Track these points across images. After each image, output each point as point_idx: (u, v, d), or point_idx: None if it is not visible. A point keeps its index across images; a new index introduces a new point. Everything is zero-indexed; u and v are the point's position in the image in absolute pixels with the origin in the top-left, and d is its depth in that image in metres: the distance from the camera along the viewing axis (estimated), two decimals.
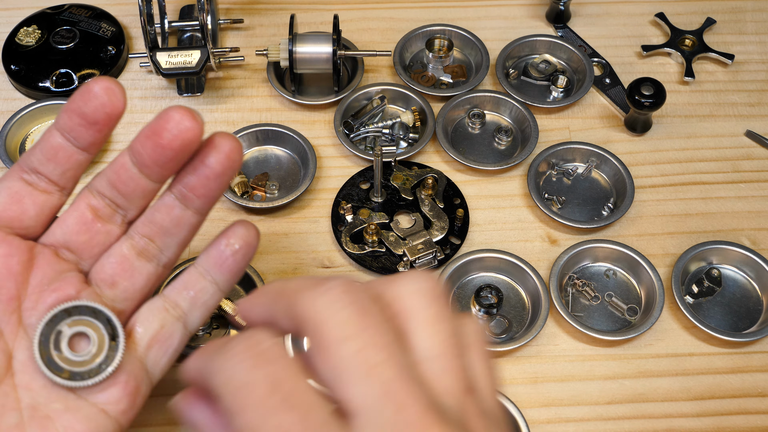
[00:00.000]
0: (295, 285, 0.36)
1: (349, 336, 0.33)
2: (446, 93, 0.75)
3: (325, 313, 0.33)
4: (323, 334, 0.33)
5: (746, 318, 0.64)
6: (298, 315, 0.34)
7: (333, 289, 0.34)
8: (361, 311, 0.33)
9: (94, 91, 0.44)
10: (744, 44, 0.80)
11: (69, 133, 0.45)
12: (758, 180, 0.71)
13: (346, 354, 0.32)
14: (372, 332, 0.33)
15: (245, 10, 0.82)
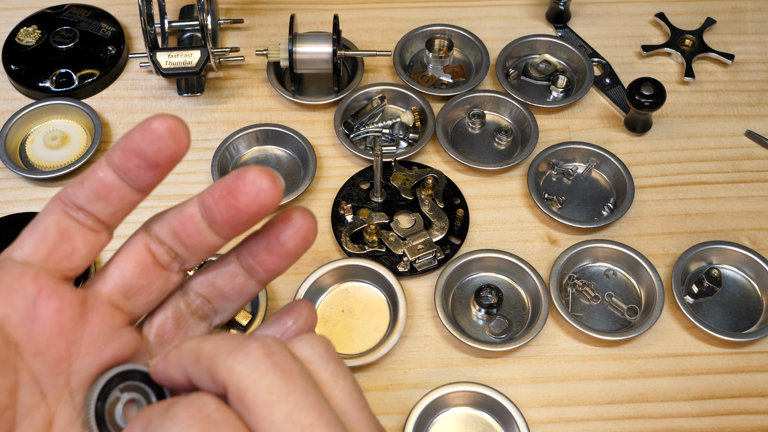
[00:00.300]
0: (210, 348, 0.36)
1: (276, 401, 0.34)
2: (446, 93, 0.75)
3: (248, 379, 0.34)
4: (250, 400, 0.34)
5: (746, 318, 0.64)
6: (220, 381, 0.35)
7: (252, 353, 0.34)
8: (285, 373, 0.34)
9: (156, 130, 0.40)
10: (744, 44, 0.80)
11: (125, 173, 0.41)
12: (758, 180, 0.71)
13: (278, 418, 0.33)
14: (298, 394, 0.34)
15: (245, 10, 0.82)
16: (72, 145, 0.72)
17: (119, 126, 0.74)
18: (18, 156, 0.72)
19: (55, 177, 0.70)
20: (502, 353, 0.62)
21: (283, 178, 0.67)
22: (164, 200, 0.70)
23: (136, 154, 0.40)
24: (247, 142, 0.72)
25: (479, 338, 0.62)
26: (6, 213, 0.67)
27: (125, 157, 0.40)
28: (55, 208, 0.42)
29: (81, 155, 0.71)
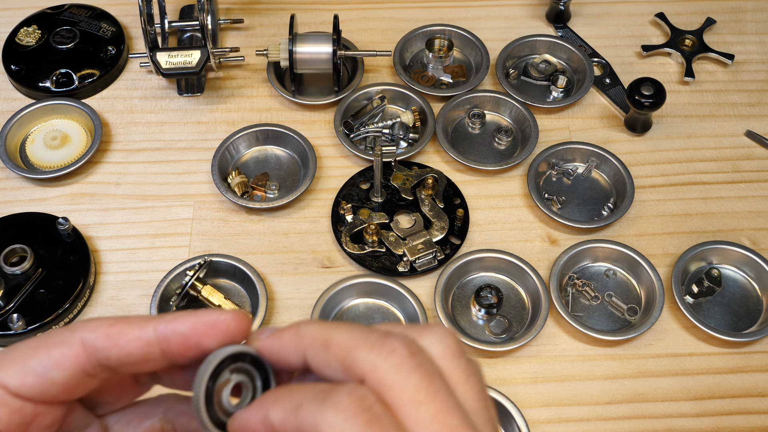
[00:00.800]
0: (345, 339, 0.37)
1: (423, 400, 0.35)
2: (446, 93, 0.75)
3: (395, 377, 0.35)
4: (395, 398, 0.35)
5: (746, 318, 0.64)
6: (358, 373, 0.36)
7: (397, 351, 0.36)
8: (429, 375, 0.35)
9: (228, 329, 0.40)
10: (744, 44, 0.80)
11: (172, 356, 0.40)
12: (758, 180, 0.71)
13: (424, 417, 0.34)
14: (443, 396, 0.35)
15: (245, 10, 0.82)
16: (72, 145, 0.72)
17: (119, 126, 0.74)
18: (18, 156, 0.72)
19: (55, 177, 0.70)
20: (502, 353, 0.62)
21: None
22: (165, 200, 0.70)
23: (192, 344, 0.39)
24: (247, 142, 0.72)
25: (479, 338, 0.62)
26: (6, 213, 0.67)
27: (183, 344, 0.39)
28: (74, 363, 0.39)
29: (81, 155, 0.71)
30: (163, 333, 0.38)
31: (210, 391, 0.39)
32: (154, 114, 0.75)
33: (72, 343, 0.38)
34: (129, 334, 0.38)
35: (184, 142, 0.73)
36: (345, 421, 0.33)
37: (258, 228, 0.68)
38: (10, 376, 0.38)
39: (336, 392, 0.34)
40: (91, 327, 0.38)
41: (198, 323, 0.38)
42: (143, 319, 0.39)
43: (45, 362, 0.38)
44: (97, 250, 0.67)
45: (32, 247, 0.64)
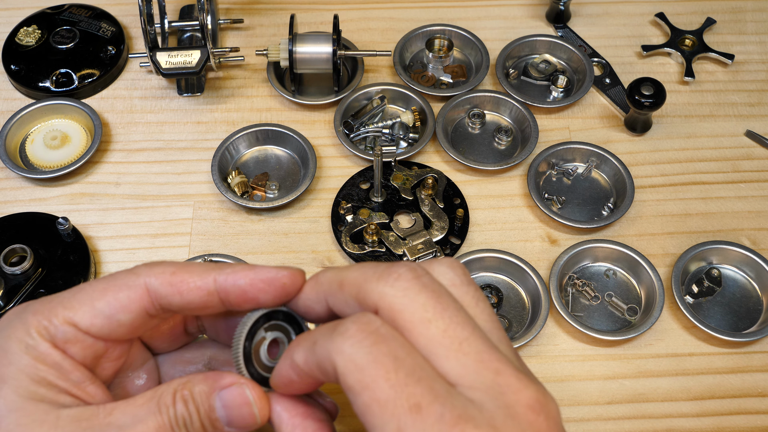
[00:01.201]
0: (356, 275, 0.39)
1: (432, 317, 0.36)
2: (446, 93, 0.74)
3: (403, 300, 0.37)
4: (406, 319, 0.37)
5: (746, 318, 0.64)
6: (371, 304, 0.38)
7: (402, 276, 0.37)
8: (436, 294, 0.37)
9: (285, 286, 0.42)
10: (744, 44, 0.80)
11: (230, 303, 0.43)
12: (758, 180, 0.71)
13: (435, 333, 0.36)
14: (451, 312, 0.37)
15: (245, 10, 0.82)
16: (72, 145, 0.72)
17: (119, 126, 0.74)
18: (18, 156, 0.72)
19: (55, 177, 0.70)
20: None
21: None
22: (165, 200, 0.70)
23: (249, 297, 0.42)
24: (247, 142, 0.72)
25: None
26: (6, 213, 0.67)
27: (244, 291, 0.41)
28: (139, 306, 0.42)
29: (81, 155, 0.71)
30: (222, 285, 0.41)
31: (248, 350, 0.41)
32: (154, 114, 0.75)
33: (137, 287, 0.41)
34: (191, 283, 0.41)
35: (184, 142, 0.73)
36: (353, 345, 0.35)
37: (258, 228, 0.68)
38: (80, 316, 0.41)
39: (343, 323, 0.37)
40: (156, 273, 0.41)
41: (256, 279, 0.41)
42: (204, 269, 0.41)
43: (112, 305, 0.41)
44: (97, 250, 0.67)
45: (32, 247, 0.64)
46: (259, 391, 0.41)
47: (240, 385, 0.40)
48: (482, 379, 0.36)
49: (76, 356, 0.41)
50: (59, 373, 0.41)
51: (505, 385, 0.36)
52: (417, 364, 0.35)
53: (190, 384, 0.41)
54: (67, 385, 0.41)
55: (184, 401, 0.40)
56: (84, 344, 0.41)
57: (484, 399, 0.35)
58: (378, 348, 0.35)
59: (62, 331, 0.41)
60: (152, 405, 0.40)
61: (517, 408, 0.35)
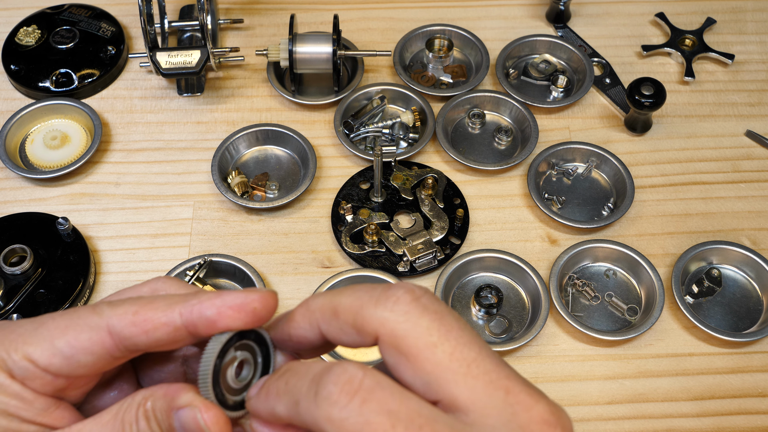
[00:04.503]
0: (351, 301, 0.37)
1: (437, 342, 0.35)
2: (446, 93, 0.74)
3: (404, 325, 0.35)
4: (410, 345, 0.35)
5: (746, 318, 0.64)
6: (370, 331, 0.36)
7: (401, 299, 0.36)
8: (438, 316, 0.36)
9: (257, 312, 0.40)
10: (744, 44, 0.80)
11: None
12: (758, 180, 0.71)
13: (442, 357, 0.35)
14: (456, 333, 0.35)
15: (245, 10, 0.82)
16: (72, 145, 0.72)
17: (119, 126, 0.74)
18: (18, 156, 0.72)
19: (55, 177, 0.70)
20: (502, 353, 0.62)
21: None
22: (165, 200, 0.70)
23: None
24: (247, 142, 0.72)
25: None
26: (6, 213, 0.67)
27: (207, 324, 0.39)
28: (101, 348, 0.40)
29: (81, 155, 0.71)
30: (189, 318, 0.39)
31: (217, 370, 0.39)
32: (154, 114, 0.75)
33: (99, 329, 0.39)
34: (155, 321, 0.39)
35: (184, 142, 0.73)
36: (341, 410, 0.33)
37: (258, 228, 0.68)
38: (39, 354, 0.39)
39: (324, 383, 0.34)
40: (118, 314, 0.39)
41: (224, 306, 0.39)
42: (168, 303, 0.39)
43: (73, 344, 0.39)
44: (97, 250, 0.67)
45: (32, 247, 0.64)
46: (214, 416, 0.38)
47: (192, 408, 0.38)
48: (494, 401, 0.35)
49: (37, 390, 0.40)
50: (21, 403, 0.40)
51: (516, 404, 0.35)
52: (413, 411, 0.34)
53: (153, 398, 0.39)
54: (30, 414, 0.40)
55: (146, 418, 0.39)
56: (44, 380, 0.40)
57: (496, 423, 0.34)
58: (368, 407, 0.34)
59: (20, 367, 0.39)
60: (117, 424, 0.39)
61: (531, 426, 0.34)
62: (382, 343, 0.36)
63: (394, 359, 0.36)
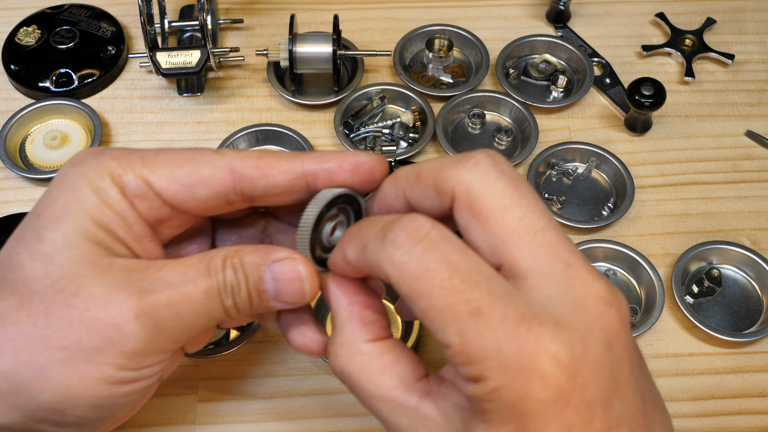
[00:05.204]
0: (434, 165, 0.39)
1: (509, 205, 0.36)
2: (446, 93, 0.74)
3: (480, 186, 0.37)
4: (483, 206, 0.36)
5: (746, 318, 0.64)
6: (448, 191, 0.37)
7: (481, 162, 0.37)
8: (514, 182, 0.37)
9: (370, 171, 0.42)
10: (744, 44, 0.80)
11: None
12: (758, 180, 0.71)
13: (511, 221, 0.36)
14: (528, 201, 0.37)
15: (245, 10, 0.82)
16: (72, 145, 0.72)
17: (119, 126, 0.74)
18: (18, 156, 0.72)
19: None
20: None
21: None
22: None
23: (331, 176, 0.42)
24: (247, 142, 0.72)
25: None
26: (6, 213, 0.67)
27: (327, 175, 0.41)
28: (220, 185, 0.41)
29: None
30: (310, 168, 0.41)
31: (318, 222, 0.41)
32: (154, 114, 0.75)
33: (222, 167, 0.41)
34: (278, 167, 0.41)
35: (184, 142, 0.73)
36: (404, 254, 0.35)
37: None
38: (157, 177, 0.40)
39: (392, 228, 0.36)
40: (242, 156, 0.41)
41: (346, 161, 0.41)
42: (291, 154, 0.41)
43: (193, 176, 0.40)
44: None
45: None
46: (312, 269, 0.40)
47: (293, 260, 0.40)
48: (553, 272, 0.35)
49: (141, 212, 0.41)
50: (122, 223, 0.40)
51: (575, 278, 0.35)
52: (473, 267, 0.35)
53: (240, 253, 0.40)
54: (126, 236, 0.41)
55: (233, 268, 0.40)
56: (151, 204, 0.41)
57: (552, 293, 0.35)
58: (430, 255, 0.35)
59: (135, 185, 0.40)
60: (202, 267, 0.40)
61: (586, 300, 0.35)
62: (456, 204, 0.37)
63: (466, 220, 0.37)
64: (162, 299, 0.39)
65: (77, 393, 0.39)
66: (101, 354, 0.38)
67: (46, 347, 0.38)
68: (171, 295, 0.39)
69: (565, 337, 0.34)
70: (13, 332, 0.38)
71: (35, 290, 0.38)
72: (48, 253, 0.39)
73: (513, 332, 0.33)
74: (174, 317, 0.39)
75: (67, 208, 0.40)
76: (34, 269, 0.39)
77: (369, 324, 0.40)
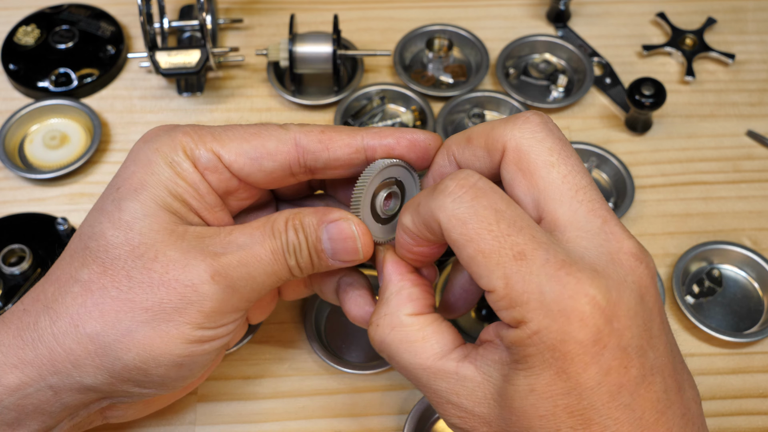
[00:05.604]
0: (484, 126, 0.41)
1: (555, 162, 0.39)
2: (446, 93, 0.74)
3: (530, 142, 0.39)
4: (530, 161, 0.39)
5: (747, 318, 0.64)
6: (499, 148, 0.40)
7: (531, 120, 0.40)
8: (560, 141, 0.39)
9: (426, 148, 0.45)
10: (745, 44, 0.80)
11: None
12: (759, 180, 0.71)
13: (556, 178, 0.38)
14: (574, 160, 0.39)
15: (245, 10, 0.82)
16: (71, 145, 0.72)
17: (119, 126, 0.74)
18: (17, 156, 0.72)
19: (55, 177, 0.69)
20: None
21: None
22: None
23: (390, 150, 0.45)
24: None
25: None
26: (5, 213, 0.67)
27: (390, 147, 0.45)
28: (285, 158, 0.45)
29: (80, 155, 0.71)
30: (370, 143, 0.44)
31: (371, 189, 0.44)
32: (154, 114, 0.75)
33: (287, 141, 0.44)
34: (339, 141, 0.44)
35: None
36: (454, 201, 0.38)
37: None
38: (226, 150, 0.44)
39: (443, 182, 0.39)
40: (305, 130, 0.44)
41: (403, 138, 0.44)
42: (352, 129, 0.45)
43: (259, 150, 0.44)
44: None
45: (31, 247, 0.64)
46: (364, 229, 0.43)
47: (347, 219, 0.43)
48: (591, 226, 0.38)
49: (212, 183, 0.44)
50: (195, 193, 0.44)
51: (610, 234, 0.38)
52: (517, 215, 0.37)
53: (300, 215, 0.43)
54: (199, 205, 0.44)
55: (294, 229, 0.43)
56: (221, 176, 0.44)
57: (588, 245, 0.37)
58: (478, 202, 0.37)
59: (206, 158, 0.44)
60: (267, 229, 0.43)
61: (620, 255, 0.37)
62: (505, 159, 0.40)
63: (512, 174, 0.39)
64: (234, 260, 0.42)
65: (160, 352, 0.41)
66: (181, 314, 0.41)
67: (129, 309, 0.41)
68: (242, 257, 0.42)
69: (602, 282, 0.36)
70: (98, 297, 0.41)
71: (117, 256, 0.41)
72: (128, 222, 0.42)
73: (554, 276, 0.35)
74: (245, 276, 0.42)
75: (144, 180, 0.43)
76: (116, 236, 0.42)
77: (415, 300, 0.42)
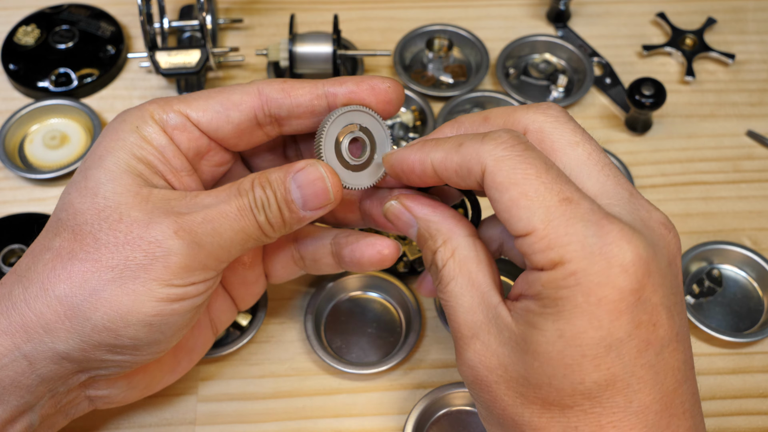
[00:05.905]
0: (503, 109, 0.44)
1: (579, 141, 0.41)
2: (446, 93, 0.74)
3: (554, 124, 0.42)
4: (554, 140, 0.41)
5: (747, 318, 0.64)
6: (520, 128, 0.42)
7: (552, 106, 0.42)
8: (580, 127, 0.42)
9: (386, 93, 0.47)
10: (745, 44, 0.80)
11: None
12: (759, 180, 0.71)
13: (581, 154, 0.41)
14: (595, 143, 0.42)
15: (245, 10, 0.82)
16: (71, 145, 0.72)
17: None
18: (17, 156, 0.72)
19: (55, 177, 0.69)
20: None
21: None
22: None
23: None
24: None
25: None
26: (5, 213, 0.67)
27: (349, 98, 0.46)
28: (249, 106, 0.46)
29: (80, 155, 0.71)
30: (330, 89, 0.45)
31: (331, 138, 0.45)
32: None
33: (250, 92, 0.46)
34: (301, 89, 0.46)
35: None
36: (504, 150, 0.39)
37: None
38: (193, 108, 0.46)
39: (494, 131, 0.41)
40: (268, 81, 0.47)
41: (363, 83, 0.46)
42: (315, 80, 0.47)
43: (224, 103, 0.46)
44: None
45: None
46: (331, 169, 0.44)
47: (312, 164, 0.44)
48: (620, 196, 0.40)
49: (181, 145, 0.46)
50: (161, 156, 0.45)
51: (639, 204, 0.40)
52: (560, 172, 0.39)
53: (266, 173, 0.45)
54: (165, 168, 0.45)
55: (261, 186, 0.44)
56: (191, 135, 0.46)
57: (622, 212, 0.39)
58: (529, 153, 0.39)
59: (174, 119, 0.45)
60: (233, 189, 0.44)
61: (650, 222, 0.39)
62: (531, 138, 0.41)
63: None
64: (198, 217, 0.43)
65: (127, 310, 0.42)
66: (147, 270, 0.42)
67: (96, 270, 0.42)
68: (206, 214, 0.43)
69: (641, 238, 0.37)
70: (67, 261, 0.42)
71: (84, 221, 0.42)
72: (92, 188, 0.43)
73: (598, 222, 0.37)
74: (211, 232, 0.43)
75: (108, 147, 0.44)
76: (82, 203, 0.43)
77: (461, 220, 0.44)
